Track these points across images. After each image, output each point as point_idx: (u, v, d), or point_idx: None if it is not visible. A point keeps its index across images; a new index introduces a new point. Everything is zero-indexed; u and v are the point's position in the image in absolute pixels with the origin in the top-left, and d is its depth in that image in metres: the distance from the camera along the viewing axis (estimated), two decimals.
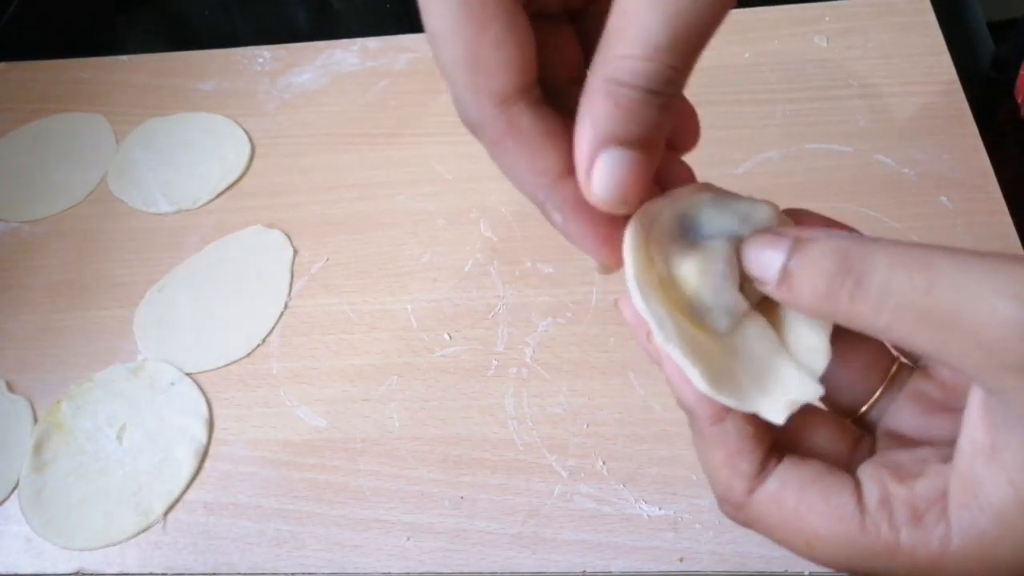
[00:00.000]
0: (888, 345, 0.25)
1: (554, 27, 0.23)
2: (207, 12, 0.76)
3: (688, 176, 0.25)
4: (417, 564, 0.43)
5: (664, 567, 0.42)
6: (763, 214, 0.24)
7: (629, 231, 0.23)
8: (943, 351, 0.19)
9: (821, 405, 0.25)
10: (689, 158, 0.26)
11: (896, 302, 0.19)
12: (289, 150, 0.62)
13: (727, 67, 0.61)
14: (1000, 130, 0.57)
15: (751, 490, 0.22)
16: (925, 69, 0.59)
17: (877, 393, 0.25)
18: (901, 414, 0.24)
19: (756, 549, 0.41)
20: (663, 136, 0.21)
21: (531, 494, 0.44)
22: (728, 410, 0.23)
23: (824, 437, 0.24)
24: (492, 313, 0.51)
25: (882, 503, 0.21)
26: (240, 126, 0.63)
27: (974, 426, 0.20)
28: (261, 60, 0.68)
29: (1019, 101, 0.58)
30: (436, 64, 0.21)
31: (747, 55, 0.61)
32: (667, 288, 0.23)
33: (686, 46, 0.20)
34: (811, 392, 0.23)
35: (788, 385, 0.23)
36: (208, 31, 0.75)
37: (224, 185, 0.60)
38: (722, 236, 0.23)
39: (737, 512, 0.23)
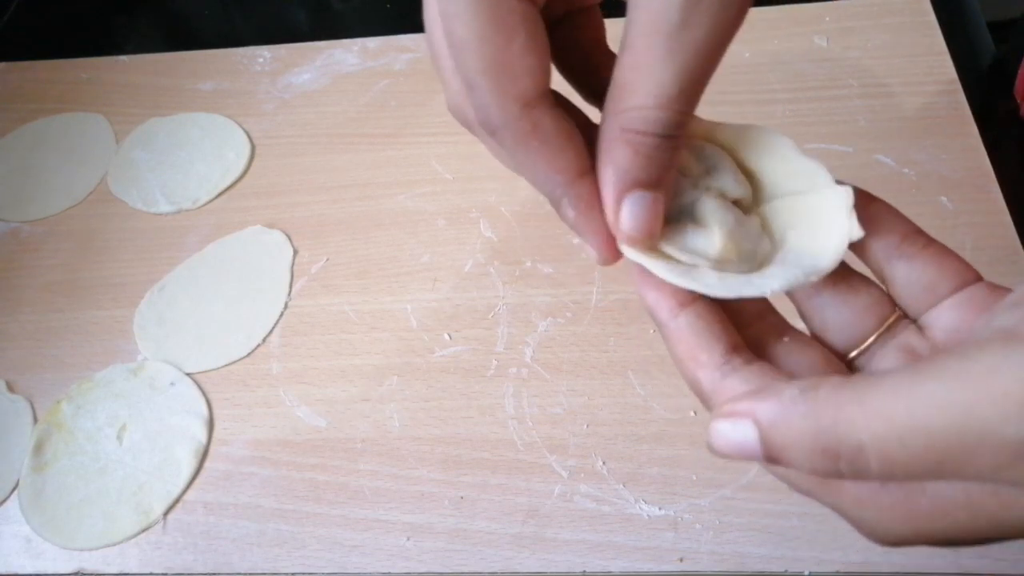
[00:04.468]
0: (890, 294, 0.25)
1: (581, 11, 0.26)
2: (207, 12, 0.76)
3: None
4: (417, 564, 0.43)
5: (664, 567, 0.42)
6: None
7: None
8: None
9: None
10: None
11: (903, 472, 0.19)
12: (289, 150, 0.62)
13: (727, 67, 0.60)
14: (1000, 130, 0.57)
15: (713, 383, 0.23)
16: (925, 69, 0.59)
17: (871, 339, 0.25)
18: (885, 362, 0.24)
19: (756, 549, 0.41)
20: (675, 171, 0.23)
21: (531, 494, 0.44)
22: (682, 304, 0.24)
23: (806, 365, 0.24)
24: (492, 313, 0.51)
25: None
26: (240, 126, 0.63)
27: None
28: (261, 60, 0.68)
29: (1019, 101, 0.57)
30: (459, 70, 0.23)
31: (747, 55, 0.61)
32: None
33: (694, 91, 0.22)
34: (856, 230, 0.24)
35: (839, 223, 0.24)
36: (208, 31, 0.75)
37: (224, 185, 0.60)
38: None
39: (706, 404, 0.24)
